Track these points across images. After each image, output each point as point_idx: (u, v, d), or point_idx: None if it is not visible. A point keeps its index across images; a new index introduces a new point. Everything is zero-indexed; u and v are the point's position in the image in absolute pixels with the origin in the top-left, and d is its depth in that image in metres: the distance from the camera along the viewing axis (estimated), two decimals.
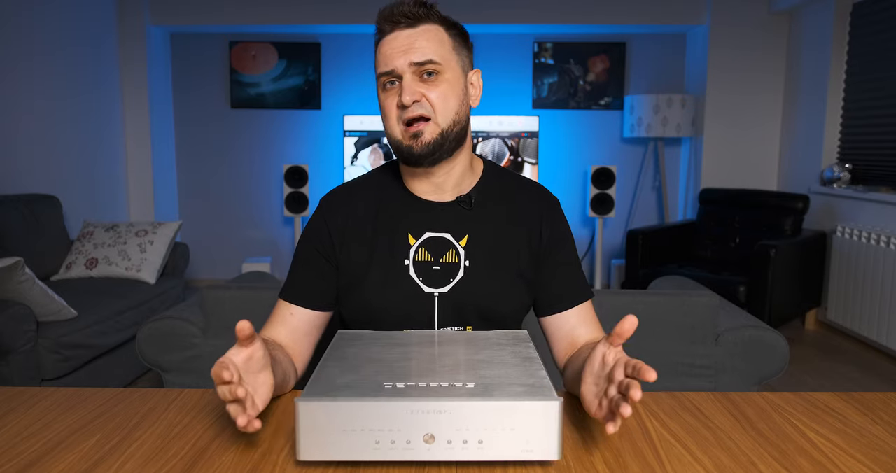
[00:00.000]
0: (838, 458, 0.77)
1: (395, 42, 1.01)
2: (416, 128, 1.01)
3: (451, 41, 1.04)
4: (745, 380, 1.70)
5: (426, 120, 1.01)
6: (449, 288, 1.07)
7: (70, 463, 0.75)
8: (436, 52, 1.01)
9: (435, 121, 1.01)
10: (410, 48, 1.00)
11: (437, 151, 1.02)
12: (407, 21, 1.01)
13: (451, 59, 1.03)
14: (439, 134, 1.01)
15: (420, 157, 1.02)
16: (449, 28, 1.05)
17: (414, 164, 1.04)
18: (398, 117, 1.02)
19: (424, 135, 1.01)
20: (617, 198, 4.72)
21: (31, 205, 3.20)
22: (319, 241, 1.10)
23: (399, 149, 1.04)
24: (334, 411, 0.69)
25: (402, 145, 1.03)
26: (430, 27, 1.02)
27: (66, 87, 3.84)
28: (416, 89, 1.00)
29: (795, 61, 4.29)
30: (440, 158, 1.04)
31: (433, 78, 1.01)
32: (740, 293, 3.45)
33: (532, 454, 0.70)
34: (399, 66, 1.00)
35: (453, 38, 1.05)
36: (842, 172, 3.75)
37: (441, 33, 1.03)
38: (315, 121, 4.85)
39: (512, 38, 4.75)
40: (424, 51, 1.00)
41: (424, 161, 1.03)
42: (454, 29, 1.06)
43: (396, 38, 1.01)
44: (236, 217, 4.97)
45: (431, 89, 1.01)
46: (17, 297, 2.34)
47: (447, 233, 1.09)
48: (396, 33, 1.02)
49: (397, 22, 1.01)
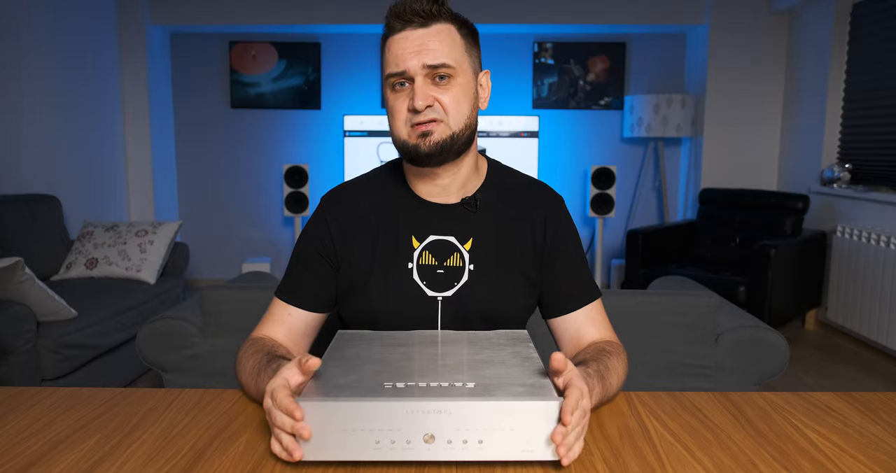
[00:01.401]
0: (838, 458, 0.77)
1: (407, 42, 0.97)
2: (427, 127, 0.97)
3: (464, 42, 1.01)
4: (745, 380, 1.70)
5: (437, 121, 0.98)
6: (453, 292, 1.05)
7: (70, 463, 0.75)
8: (449, 55, 0.97)
9: (447, 123, 0.98)
10: (423, 49, 0.96)
11: (444, 152, 0.99)
12: (419, 20, 0.97)
13: (464, 61, 1.00)
14: (449, 136, 0.99)
15: (427, 157, 0.99)
16: (461, 27, 1.01)
17: (420, 164, 1.02)
18: (407, 120, 0.99)
19: (434, 134, 0.98)
20: (617, 198, 4.72)
21: (31, 205, 3.20)
22: (320, 243, 1.08)
23: (405, 148, 1.01)
24: (334, 411, 0.69)
25: (409, 144, 1.00)
26: (442, 27, 0.98)
27: (67, 87, 3.83)
28: (428, 93, 0.97)
29: (795, 61, 4.29)
30: (446, 160, 1.01)
31: (446, 81, 0.98)
32: (740, 293, 3.45)
33: (532, 454, 0.70)
34: (411, 67, 0.96)
35: (465, 39, 1.01)
36: (842, 172, 3.75)
37: (454, 34, 0.99)
38: (315, 121, 4.85)
39: (512, 38, 4.75)
40: (438, 53, 0.96)
41: (431, 161, 1.00)
42: (465, 28, 1.02)
43: (407, 37, 0.97)
44: (236, 217, 4.97)
45: (444, 93, 0.98)
46: (17, 297, 2.34)
47: (451, 236, 1.07)
48: (408, 32, 0.97)
49: (409, 20, 0.97)
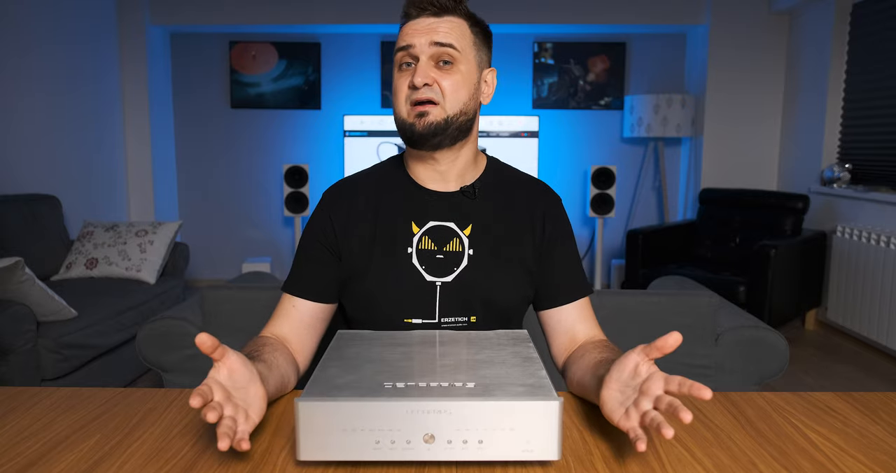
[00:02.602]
0: (838, 458, 0.77)
1: (418, 25, 1.03)
2: (423, 107, 1.02)
3: (473, 37, 1.06)
4: (745, 380, 1.70)
5: (434, 104, 1.02)
6: (452, 277, 1.07)
7: (70, 463, 0.75)
8: (456, 40, 1.02)
9: (442, 106, 1.02)
10: (433, 30, 1.02)
11: (438, 134, 1.02)
12: (433, 9, 1.03)
13: (470, 52, 1.05)
14: (444, 118, 1.02)
15: (421, 137, 1.02)
16: (473, 24, 1.06)
17: (416, 146, 1.05)
18: (407, 97, 1.03)
19: (429, 115, 1.01)
20: (617, 198, 4.72)
21: (31, 205, 3.20)
22: (322, 233, 1.11)
23: (403, 127, 1.04)
24: (334, 411, 0.69)
25: (406, 123, 1.03)
26: (454, 19, 1.04)
27: (67, 87, 3.83)
28: (429, 73, 1.01)
29: (795, 61, 4.29)
30: (441, 144, 1.04)
31: (448, 67, 1.02)
32: (740, 293, 3.45)
33: (532, 454, 0.70)
34: (418, 43, 1.02)
35: (475, 35, 1.06)
36: (842, 172, 3.75)
37: (464, 27, 1.04)
38: (315, 121, 4.85)
39: (512, 38, 4.75)
40: (446, 34, 1.02)
41: (426, 142, 1.03)
42: (478, 26, 1.07)
43: (420, 22, 1.03)
44: (236, 217, 4.97)
45: (445, 77, 1.02)
46: (17, 297, 2.34)
47: (451, 222, 1.09)
48: (421, 19, 1.03)
49: (424, 8, 1.03)
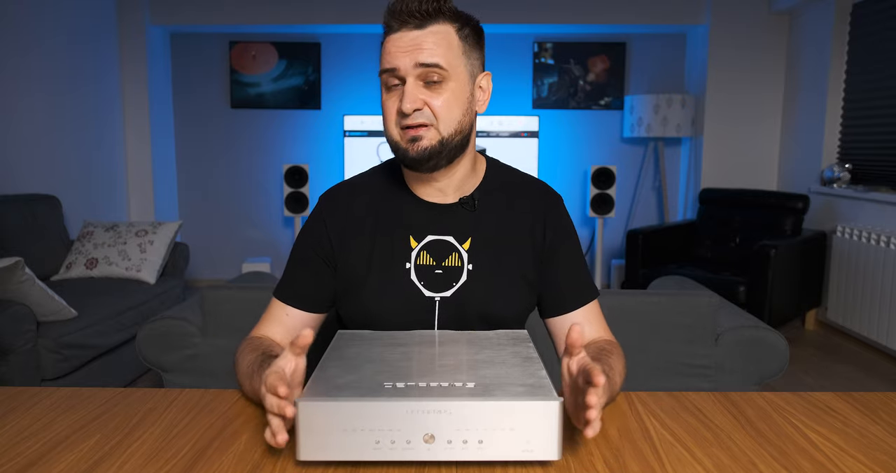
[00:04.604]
0: (838, 458, 0.77)
1: (401, 42, 0.96)
2: (416, 132, 0.97)
3: (462, 44, 0.98)
4: (745, 380, 1.70)
5: (426, 126, 0.97)
6: (451, 292, 1.05)
7: (70, 463, 0.75)
8: (443, 57, 0.95)
9: (436, 128, 0.97)
10: (417, 48, 0.95)
11: (433, 158, 0.98)
12: (415, 21, 0.95)
13: (459, 64, 0.98)
14: (439, 141, 0.97)
15: (416, 162, 0.98)
16: (461, 27, 0.99)
17: (411, 169, 1.02)
18: (397, 121, 0.98)
19: (423, 140, 0.97)
20: (617, 198, 4.72)
21: (31, 205, 3.20)
22: (318, 243, 1.08)
23: (396, 150, 1.00)
24: (334, 411, 0.69)
25: (400, 147, 0.99)
26: (439, 28, 0.96)
27: (66, 87, 3.83)
28: (417, 96, 0.95)
29: (795, 61, 4.29)
30: (438, 165, 1.00)
31: (438, 85, 0.96)
32: (740, 293, 3.45)
33: (532, 454, 0.70)
34: (402, 65, 0.95)
35: (464, 40, 0.99)
36: (842, 172, 3.75)
37: (451, 35, 0.97)
38: (315, 121, 4.85)
39: (512, 38, 4.75)
40: (431, 53, 0.95)
41: (421, 167, 0.99)
42: (467, 27, 0.99)
43: (402, 38, 0.96)
44: (236, 217, 4.97)
45: (434, 97, 0.96)
46: (17, 297, 2.34)
47: (450, 236, 1.06)
48: (403, 33, 0.96)
49: (405, 21, 0.95)
